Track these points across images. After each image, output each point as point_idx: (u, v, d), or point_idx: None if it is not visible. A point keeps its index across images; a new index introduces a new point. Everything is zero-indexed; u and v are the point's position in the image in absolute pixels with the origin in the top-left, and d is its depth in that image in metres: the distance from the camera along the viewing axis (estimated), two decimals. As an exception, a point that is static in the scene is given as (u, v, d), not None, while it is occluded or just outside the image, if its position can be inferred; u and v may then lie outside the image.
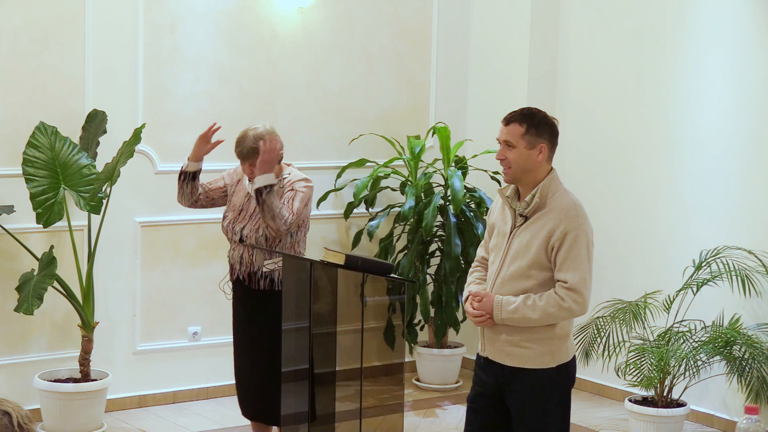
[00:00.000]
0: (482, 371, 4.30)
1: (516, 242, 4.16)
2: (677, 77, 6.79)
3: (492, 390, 4.26)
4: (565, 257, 4.08)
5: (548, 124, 4.20)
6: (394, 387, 6.22)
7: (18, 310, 5.94)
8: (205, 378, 6.95)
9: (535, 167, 4.16)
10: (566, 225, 4.10)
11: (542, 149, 4.16)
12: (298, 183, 5.33)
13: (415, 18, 7.57)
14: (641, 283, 6.75)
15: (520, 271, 4.15)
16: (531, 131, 4.14)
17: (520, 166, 4.15)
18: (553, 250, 4.10)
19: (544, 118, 4.20)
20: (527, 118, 4.16)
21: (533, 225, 4.15)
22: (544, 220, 4.14)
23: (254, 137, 5.26)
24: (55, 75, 6.41)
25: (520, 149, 4.14)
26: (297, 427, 5.27)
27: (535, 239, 4.13)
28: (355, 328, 5.22)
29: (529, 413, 4.20)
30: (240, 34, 6.94)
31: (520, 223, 4.18)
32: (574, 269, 4.08)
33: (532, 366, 4.17)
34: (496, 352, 4.22)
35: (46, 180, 6.13)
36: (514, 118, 4.17)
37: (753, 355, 6.03)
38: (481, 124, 7.58)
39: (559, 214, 4.12)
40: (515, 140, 4.14)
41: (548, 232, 4.11)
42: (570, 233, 4.09)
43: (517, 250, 4.16)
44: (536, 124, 4.16)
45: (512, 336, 4.18)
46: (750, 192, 6.44)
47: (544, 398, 4.20)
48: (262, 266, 5.32)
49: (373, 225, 7.21)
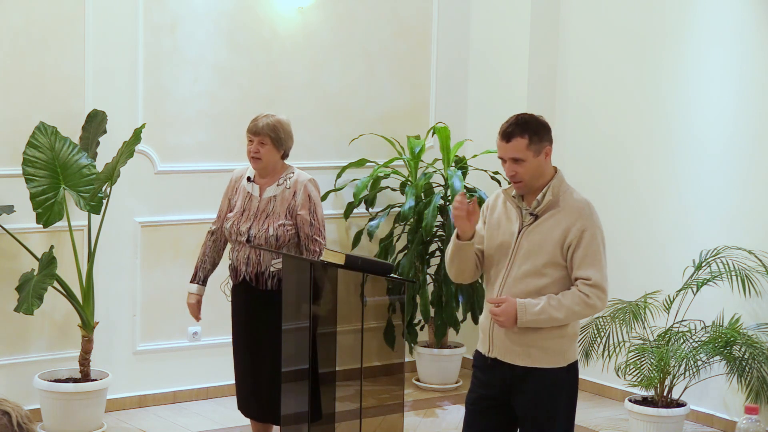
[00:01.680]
0: (486, 373, 4.26)
1: (526, 241, 4.15)
2: (677, 77, 6.79)
3: (498, 392, 4.23)
4: (585, 254, 4.10)
5: (544, 125, 4.20)
6: (394, 387, 6.22)
7: (18, 310, 5.94)
8: (205, 378, 6.95)
9: (543, 172, 4.18)
10: (582, 222, 4.12)
11: (548, 152, 4.18)
12: (309, 186, 5.38)
13: (415, 18, 7.57)
14: (641, 283, 6.75)
15: (534, 270, 4.14)
16: (534, 139, 4.13)
17: (532, 177, 4.15)
18: (570, 247, 4.10)
19: (538, 120, 4.20)
20: (526, 128, 4.14)
21: (545, 223, 4.15)
22: (557, 218, 4.14)
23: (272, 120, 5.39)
24: (55, 75, 6.41)
25: (529, 161, 4.13)
26: (297, 427, 5.28)
27: (549, 237, 4.12)
28: (355, 328, 5.23)
29: (539, 414, 4.19)
30: (240, 34, 6.94)
31: (529, 222, 4.17)
32: (595, 266, 4.10)
33: (544, 366, 4.16)
34: (508, 352, 4.19)
35: (46, 180, 6.13)
36: (514, 132, 4.13)
37: (753, 355, 6.03)
38: (481, 124, 7.58)
39: (574, 212, 4.14)
40: (522, 154, 4.12)
41: (564, 230, 4.11)
42: (587, 230, 4.11)
43: (529, 248, 4.15)
44: (537, 131, 4.15)
45: (525, 336, 4.16)
46: (750, 192, 6.44)
47: (554, 398, 4.19)
48: (269, 266, 5.32)
49: (373, 225, 7.21)
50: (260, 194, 5.40)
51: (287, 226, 5.32)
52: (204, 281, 5.56)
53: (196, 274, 5.56)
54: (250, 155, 5.37)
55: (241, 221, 5.38)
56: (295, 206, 5.34)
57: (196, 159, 6.86)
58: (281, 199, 5.36)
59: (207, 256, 5.56)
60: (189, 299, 5.58)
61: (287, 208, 5.34)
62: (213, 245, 5.56)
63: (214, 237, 5.57)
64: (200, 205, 6.74)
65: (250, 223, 5.35)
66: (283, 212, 5.34)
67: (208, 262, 5.56)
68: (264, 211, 5.36)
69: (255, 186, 5.42)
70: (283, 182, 5.39)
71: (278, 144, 5.36)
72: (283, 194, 5.37)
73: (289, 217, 5.34)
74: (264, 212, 5.35)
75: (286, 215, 5.34)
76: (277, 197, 5.37)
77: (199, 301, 5.57)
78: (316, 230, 5.34)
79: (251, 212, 5.38)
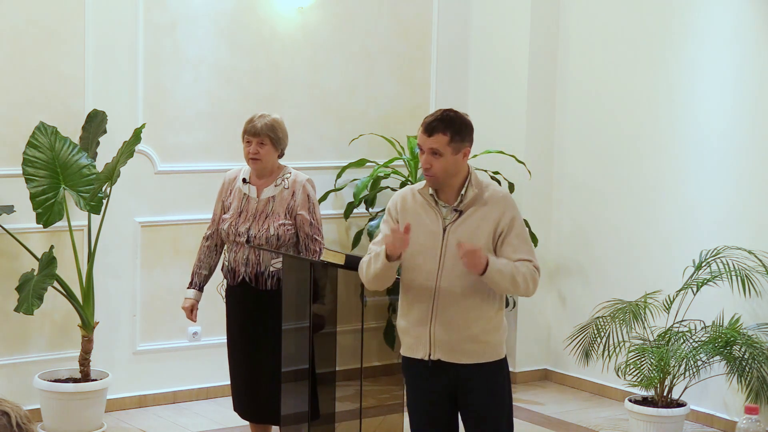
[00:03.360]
0: (426, 378, 4.22)
1: (453, 238, 4.13)
2: (678, 77, 6.78)
3: (445, 396, 4.23)
4: (519, 240, 4.19)
5: (468, 126, 4.22)
6: (394, 387, 6.21)
7: (18, 310, 5.94)
8: (205, 378, 6.94)
9: (458, 170, 4.19)
10: (511, 211, 4.21)
11: (466, 152, 4.20)
12: (308, 186, 5.38)
13: (415, 18, 7.57)
14: (641, 283, 6.75)
15: None
16: (455, 138, 4.15)
17: (447, 173, 4.16)
18: (501, 235, 4.16)
19: (463, 120, 4.21)
20: (450, 126, 4.15)
21: (471, 218, 4.16)
22: (483, 211, 4.17)
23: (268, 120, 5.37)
24: (55, 75, 6.41)
25: (447, 156, 4.14)
26: (297, 427, 5.28)
27: (479, 230, 4.15)
28: (355, 328, 5.23)
29: (487, 409, 4.21)
30: (240, 34, 6.94)
31: (453, 219, 4.17)
32: (530, 250, 4.22)
33: (491, 359, 4.20)
34: (452, 352, 4.17)
35: (46, 180, 6.13)
36: (437, 128, 4.14)
37: (753, 355, 6.03)
38: (481, 124, 7.51)
39: (500, 201, 4.20)
40: (442, 148, 4.13)
41: (494, 220, 4.15)
42: (516, 218, 4.21)
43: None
44: (459, 130, 4.16)
45: (469, 331, 4.15)
46: (750, 192, 6.44)
47: (500, 392, 4.24)
48: (269, 266, 5.32)
49: (373, 225, 7.20)
50: (258, 195, 5.39)
51: (287, 226, 5.32)
52: (201, 287, 5.55)
53: (192, 280, 5.55)
54: (249, 157, 5.35)
55: (239, 222, 5.36)
56: (294, 206, 5.34)
57: (196, 159, 6.86)
58: (280, 200, 5.36)
59: (203, 261, 5.53)
60: (184, 303, 5.57)
61: (286, 208, 5.34)
62: (208, 251, 5.53)
63: (208, 242, 5.53)
64: (200, 205, 6.74)
65: (249, 224, 5.34)
66: (283, 212, 5.33)
67: (205, 268, 5.53)
68: (263, 211, 5.35)
69: (251, 187, 5.41)
70: (281, 182, 5.38)
71: (277, 144, 5.36)
72: (281, 194, 5.36)
73: (289, 217, 5.34)
74: (263, 213, 5.35)
75: (286, 215, 5.33)
76: (275, 197, 5.36)
77: (194, 306, 5.56)
78: (315, 230, 5.34)
79: (249, 213, 5.37)
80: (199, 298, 5.56)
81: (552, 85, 7.44)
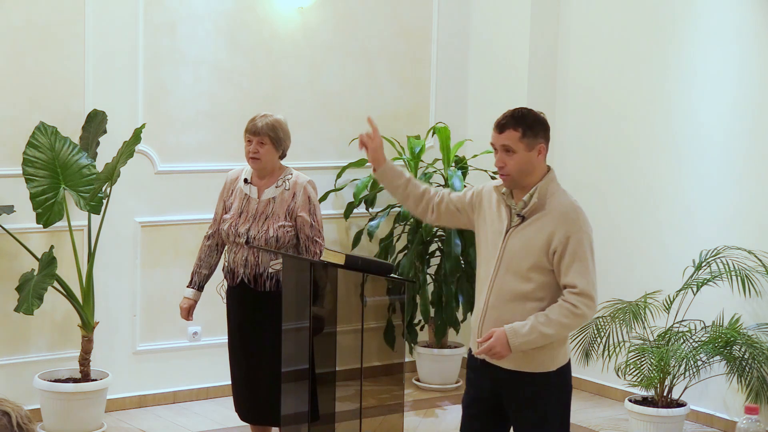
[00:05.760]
0: (476, 373, 4.23)
1: (512, 242, 4.07)
2: (678, 76, 6.79)
3: (488, 394, 4.19)
4: (571, 261, 3.99)
5: (542, 122, 4.10)
6: (394, 387, 6.22)
7: (18, 310, 5.94)
8: (205, 378, 6.95)
9: (534, 169, 4.07)
10: (567, 228, 4.01)
11: (541, 149, 4.08)
12: (309, 187, 5.37)
13: (415, 18, 7.57)
14: (641, 283, 6.75)
15: (520, 273, 4.05)
16: (528, 134, 4.04)
17: (521, 171, 4.05)
18: (555, 253, 4.00)
19: (536, 116, 4.10)
20: (521, 121, 4.05)
21: (531, 226, 4.05)
22: (542, 222, 4.04)
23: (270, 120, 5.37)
24: (55, 75, 6.41)
25: (520, 153, 4.04)
26: (297, 427, 5.27)
27: (534, 241, 4.03)
28: (355, 328, 5.22)
29: (529, 417, 4.13)
30: (240, 34, 6.94)
31: (516, 223, 4.08)
32: (581, 273, 3.99)
33: (531, 369, 4.08)
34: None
35: (46, 180, 6.13)
36: (508, 123, 4.05)
37: (753, 355, 6.04)
38: (481, 124, 7.57)
39: (559, 216, 4.03)
40: (514, 144, 4.03)
41: (548, 235, 4.01)
42: (572, 237, 4.00)
43: (515, 251, 4.06)
44: (531, 126, 4.05)
45: None
46: (750, 192, 6.44)
47: (543, 401, 4.12)
48: (268, 267, 5.31)
49: (373, 225, 7.21)
50: (258, 196, 5.38)
51: (287, 228, 5.31)
52: (200, 287, 5.54)
53: (192, 279, 5.55)
54: (249, 156, 5.35)
55: (239, 223, 5.36)
56: (294, 208, 5.34)
57: (196, 159, 6.86)
58: (280, 201, 5.35)
59: (203, 261, 5.53)
60: (182, 302, 5.57)
61: (287, 210, 5.34)
62: (209, 250, 5.52)
63: (210, 242, 5.52)
64: (200, 205, 6.74)
65: (249, 225, 5.33)
66: (283, 213, 5.33)
67: (205, 268, 5.53)
68: (263, 212, 5.35)
69: (253, 188, 5.40)
70: (282, 184, 5.38)
71: (277, 144, 5.36)
72: (282, 196, 5.36)
73: (289, 219, 5.33)
74: (263, 214, 5.34)
75: (286, 216, 5.33)
76: (276, 199, 5.36)
77: (192, 306, 5.55)
78: (316, 231, 5.33)
79: (249, 214, 5.36)
80: (198, 297, 5.56)
81: (552, 85, 7.44)
